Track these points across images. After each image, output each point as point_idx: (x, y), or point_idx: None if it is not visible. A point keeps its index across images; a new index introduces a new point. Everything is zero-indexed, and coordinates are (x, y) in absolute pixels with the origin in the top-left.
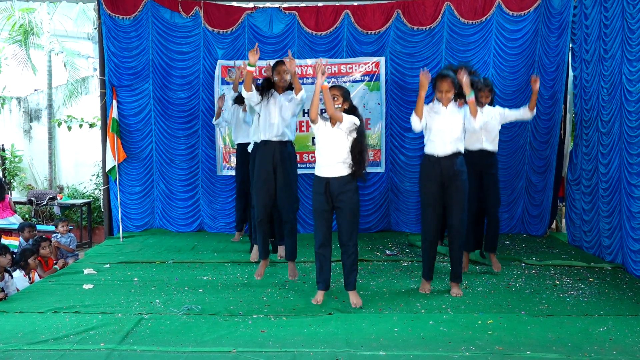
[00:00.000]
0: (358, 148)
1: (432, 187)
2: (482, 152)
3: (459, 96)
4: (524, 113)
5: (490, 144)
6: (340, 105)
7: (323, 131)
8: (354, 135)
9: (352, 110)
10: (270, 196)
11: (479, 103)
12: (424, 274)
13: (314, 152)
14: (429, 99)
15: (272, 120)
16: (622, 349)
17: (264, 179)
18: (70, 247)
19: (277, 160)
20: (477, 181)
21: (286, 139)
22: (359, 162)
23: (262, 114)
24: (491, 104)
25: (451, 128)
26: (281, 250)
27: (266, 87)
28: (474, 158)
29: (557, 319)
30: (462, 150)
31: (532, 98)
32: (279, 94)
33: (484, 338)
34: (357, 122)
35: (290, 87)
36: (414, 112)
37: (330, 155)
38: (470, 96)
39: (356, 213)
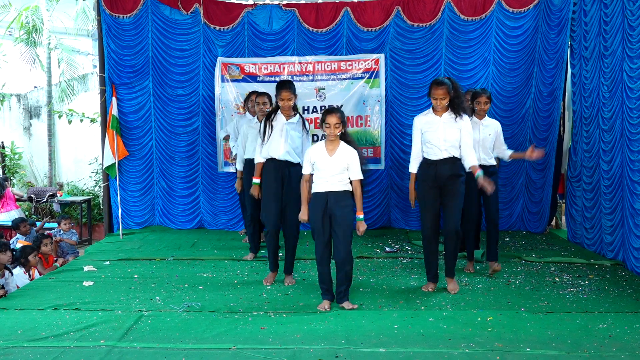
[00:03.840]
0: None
1: (429, 189)
2: (481, 167)
3: (455, 106)
4: (503, 152)
5: (488, 158)
6: (340, 133)
7: (322, 160)
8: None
9: (344, 133)
10: (278, 212)
11: (478, 112)
12: (429, 276)
13: None
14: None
15: (277, 145)
16: (621, 346)
17: (273, 196)
18: (72, 240)
19: (285, 178)
20: (476, 192)
21: (294, 160)
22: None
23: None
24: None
25: (445, 137)
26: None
27: (272, 112)
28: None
29: (556, 315)
30: (459, 156)
31: (519, 155)
32: (285, 117)
33: (484, 335)
34: (353, 158)
35: (295, 109)
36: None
37: (330, 174)
38: (479, 174)
39: (351, 232)
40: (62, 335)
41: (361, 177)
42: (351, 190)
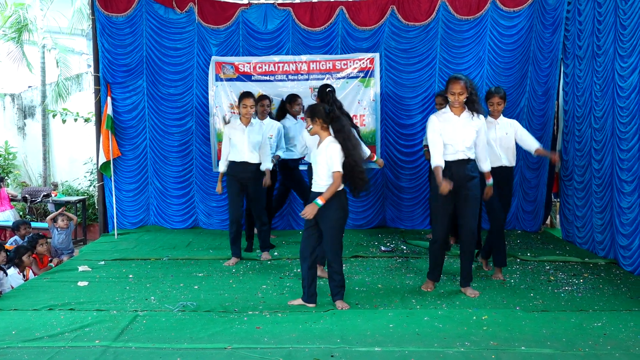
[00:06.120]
0: (347, 169)
1: (445, 194)
2: (501, 169)
3: (472, 105)
4: (531, 145)
5: (508, 160)
6: (311, 127)
7: (313, 151)
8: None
9: (335, 120)
10: (239, 206)
11: (492, 113)
12: (430, 274)
13: None
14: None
15: (239, 148)
16: (616, 344)
17: (236, 194)
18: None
19: (246, 179)
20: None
21: (254, 161)
22: (351, 181)
23: (231, 139)
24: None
25: (463, 138)
26: (265, 254)
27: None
28: (493, 174)
29: (551, 314)
30: (473, 157)
31: (545, 153)
32: (245, 125)
33: (479, 333)
34: (331, 152)
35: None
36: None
37: (317, 170)
38: (490, 184)
39: (335, 231)
40: (57, 335)
41: (338, 170)
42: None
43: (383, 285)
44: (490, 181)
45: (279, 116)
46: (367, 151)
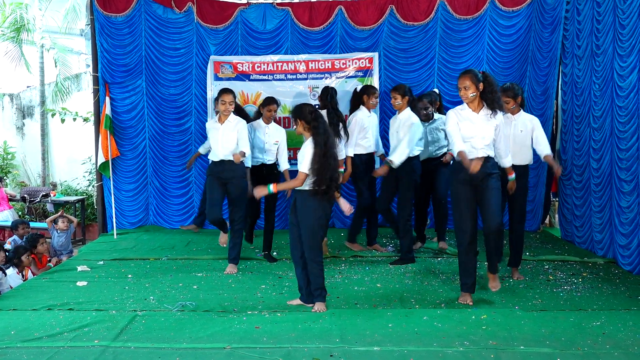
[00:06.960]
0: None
1: (465, 191)
2: (514, 167)
3: (489, 102)
4: (542, 150)
5: (520, 158)
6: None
7: None
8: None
9: (314, 120)
10: (219, 208)
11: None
12: (466, 287)
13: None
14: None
15: (214, 147)
16: (615, 343)
17: (216, 194)
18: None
19: (227, 179)
20: (504, 196)
21: (231, 159)
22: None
23: (211, 138)
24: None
25: (482, 135)
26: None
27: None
28: (503, 174)
29: (550, 313)
30: (493, 155)
31: (552, 163)
32: (221, 123)
33: (478, 333)
34: (301, 152)
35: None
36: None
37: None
38: (512, 178)
39: (313, 231)
40: (56, 335)
41: (304, 171)
42: (310, 189)
43: (382, 284)
44: (512, 176)
45: (353, 107)
46: (341, 155)
